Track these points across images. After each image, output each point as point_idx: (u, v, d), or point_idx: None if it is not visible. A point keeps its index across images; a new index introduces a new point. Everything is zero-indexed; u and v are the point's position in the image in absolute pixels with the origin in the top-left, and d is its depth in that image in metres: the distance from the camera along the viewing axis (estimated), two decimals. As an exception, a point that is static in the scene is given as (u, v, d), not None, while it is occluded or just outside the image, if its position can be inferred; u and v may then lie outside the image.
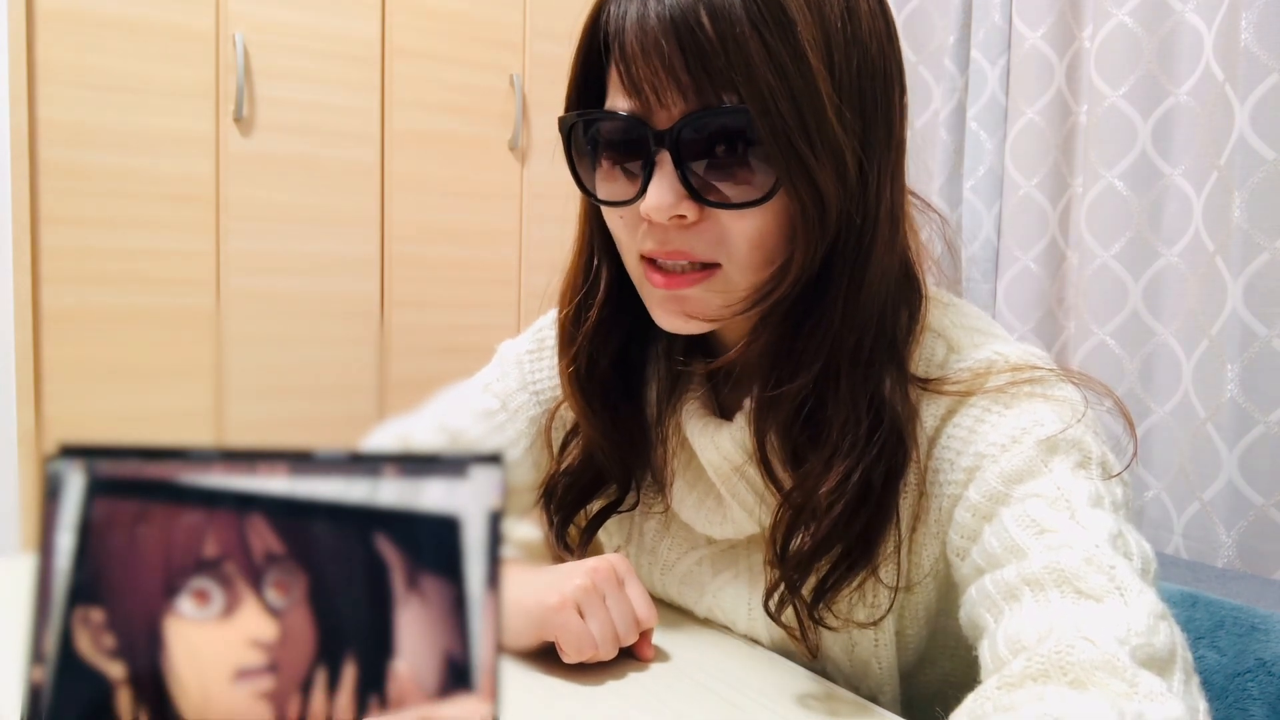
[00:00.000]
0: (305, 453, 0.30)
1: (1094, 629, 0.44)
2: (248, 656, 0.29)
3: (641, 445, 0.68)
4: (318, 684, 0.29)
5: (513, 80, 2.28)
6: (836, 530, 0.55)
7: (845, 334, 0.55)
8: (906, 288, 0.59)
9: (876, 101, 0.54)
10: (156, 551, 0.29)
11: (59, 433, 1.80)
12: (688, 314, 0.57)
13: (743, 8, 0.49)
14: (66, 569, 0.29)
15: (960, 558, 0.55)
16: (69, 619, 0.29)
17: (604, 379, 0.65)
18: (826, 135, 0.51)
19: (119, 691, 0.28)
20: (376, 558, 0.30)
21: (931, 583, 0.59)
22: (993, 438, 0.54)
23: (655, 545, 0.71)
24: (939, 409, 0.57)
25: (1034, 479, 0.52)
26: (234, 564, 0.29)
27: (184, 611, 0.29)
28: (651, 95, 0.52)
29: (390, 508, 0.30)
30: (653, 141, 0.53)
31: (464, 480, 0.30)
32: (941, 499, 0.56)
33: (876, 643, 0.61)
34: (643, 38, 0.51)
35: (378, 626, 0.30)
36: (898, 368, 0.57)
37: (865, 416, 0.55)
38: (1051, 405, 0.55)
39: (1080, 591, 0.46)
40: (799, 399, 0.56)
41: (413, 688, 0.29)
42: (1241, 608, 0.73)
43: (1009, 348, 0.59)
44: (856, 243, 0.55)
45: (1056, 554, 0.48)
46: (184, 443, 0.30)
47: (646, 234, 0.56)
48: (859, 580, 0.57)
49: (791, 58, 0.50)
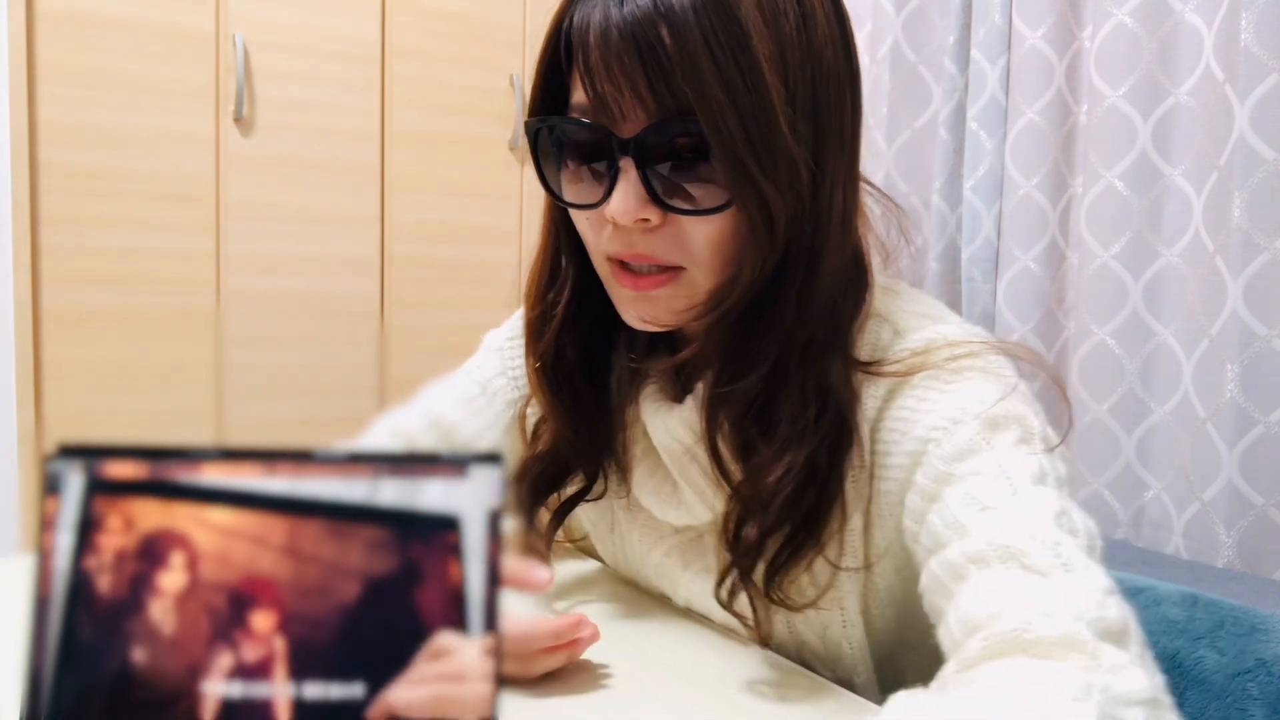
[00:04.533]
0: (305, 453, 0.30)
1: (1049, 604, 0.44)
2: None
3: (607, 435, 0.69)
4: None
5: (513, 80, 2.28)
6: (783, 514, 0.57)
7: (796, 331, 0.57)
8: (855, 277, 0.61)
9: (830, 108, 0.56)
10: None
11: (59, 433, 1.80)
12: (653, 315, 0.59)
13: (697, 23, 0.51)
14: (66, 569, 0.29)
15: (914, 543, 0.56)
16: (69, 619, 0.29)
17: (570, 373, 0.67)
18: (777, 148, 0.53)
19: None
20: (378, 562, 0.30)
21: (890, 564, 0.60)
22: (933, 420, 0.55)
23: (628, 534, 0.73)
24: (879, 390, 0.58)
25: (975, 456, 0.53)
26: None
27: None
28: (615, 106, 0.54)
29: (390, 507, 0.30)
30: (617, 148, 0.54)
31: (464, 480, 0.30)
32: (889, 481, 0.58)
33: (845, 624, 0.62)
34: (605, 51, 0.53)
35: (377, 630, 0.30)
36: (843, 354, 0.58)
37: (812, 405, 0.57)
38: (989, 379, 0.56)
39: (1026, 567, 0.47)
40: (751, 394, 0.57)
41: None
42: (1241, 608, 0.73)
43: (949, 328, 0.60)
44: (808, 247, 0.56)
45: (1000, 531, 0.49)
46: (184, 443, 0.30)
47: (612, 236, 0.57)
48: (806, 561, 0.58)
49: (743, 74, 0.51)
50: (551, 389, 0.67)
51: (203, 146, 1.93)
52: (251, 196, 1.99)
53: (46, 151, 1.78)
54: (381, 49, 2.12)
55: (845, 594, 0.61)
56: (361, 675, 0.29)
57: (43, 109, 1.77)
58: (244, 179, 1.98)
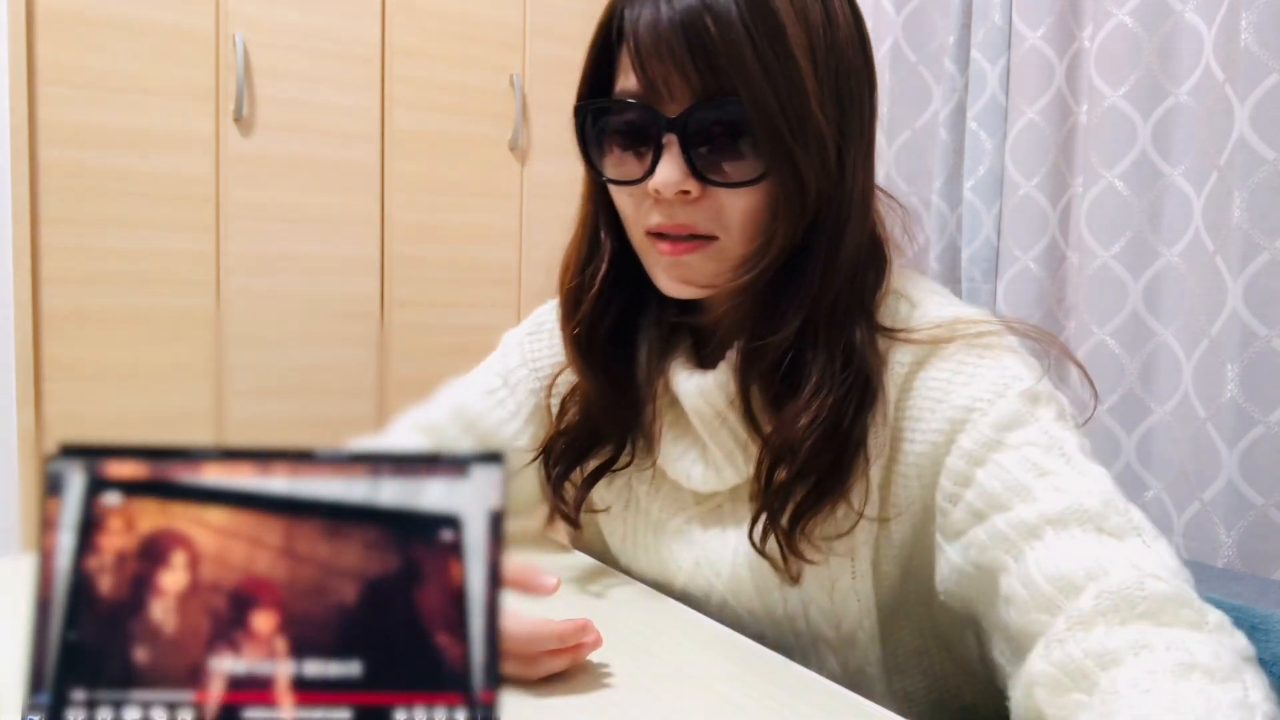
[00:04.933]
0: (305, 453, 0.30)
1: (1148, 565, 0.49)
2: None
3: (634, 405, 0.74)
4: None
5: (513, 80, 2.28)
6: (810, 459, 0.62)
7: (823, 294, 0.62)
8: (875, 254, 0.67)
9: (853, 98, 0.63)
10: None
11: (59, 433, 1.80)
12: (687, 279, 0.65)
13: (739, 16, 0.57)
14: (66, 569, 0.29)
15: (952, 502, 0.59)
16: (70, 619, 0.29)
17: (603, 343, 0.72)
18: (809, 125, 0.59)
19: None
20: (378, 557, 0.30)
21: (908, 522, 0.64)
22: (976, 390, 0.60)
23: (648, 507, 0.76)
24: (908, 356, 0.63)
25: (1023, 427, 0.57)
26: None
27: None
28: (663, 87, 0.60)
29: (391, 507, 0.30)
30: (663, 126, 0.61)
31: (465, 479, 0.30)
32: (919, 444, 0.62)
33: (854, 575, 0.66)
34: (656, 38, 0.59)
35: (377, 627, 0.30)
36: (867, 320, 0.64)
37: (838, 360, 0.62)
38: (1019, 358, 0.62)
39: (1102, 530, 0.51)
40: (780, 350, 0.63)
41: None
42: (1241, 608, 0.73)
43: (967, 309, 0.66)
44: (834, 218, 0.63)
45: (1073, 495, 0.53)
46: (184, 443, 0.30)
47: (652, 209, 0.64)
48: (829, 507, 0.63)
49: (780, 59, 0.58)
50: (586, 356, 0.72)
51: (203, 146, 1.93)
52: (251, 196, 1.99)
53: (46, 151, 1.78)
54: (381, 49, 2.12)
55: (859, 544, 0.65)
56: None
57: (43, 109, 1.77)
58: (244, 179, 1.98)
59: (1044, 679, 0.48)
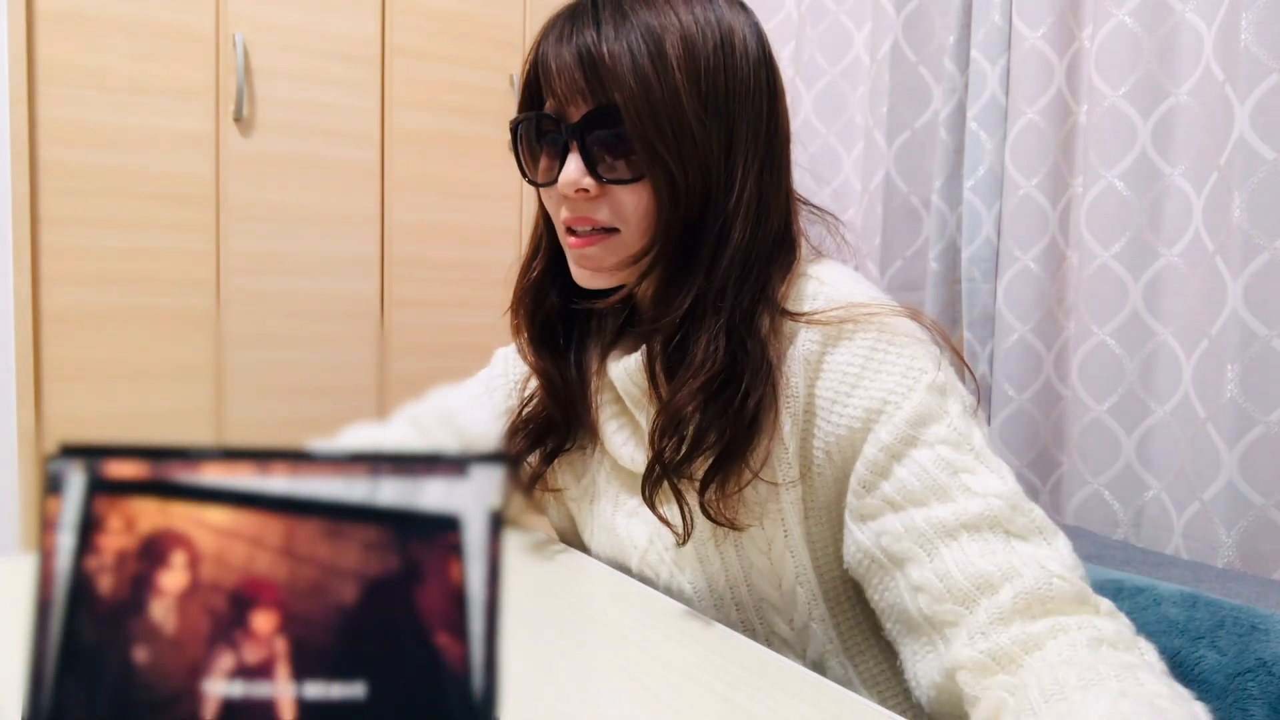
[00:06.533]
0: (305, 452, 0.30)
1: (1053, 565, 0.58)
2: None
3: (581, 390, 0.82)
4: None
5: (512, 80, 2.28)
6: (703, 428, 0.68)
7: (708, 285, 0.69)
8: (783, 248, 0.73)
9: (745, 112, 0.70)
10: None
11: (59, 433, 1.80)
12: (594, 268, 0.74)
13: (627, 44, 0.66)
14: (66, 569, 0.29)
15: (866, 489, 0.65)
16: (70, 619, 0.29)
17: (544, 333, 0.81)
18: (684, 133, 0.67)
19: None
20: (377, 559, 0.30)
21: (829, 474, 0.69)
22: (887, 383, 0.66)
23: (606, 489, 0.83)
24: (816, 335, 0.69)
25: (936, 423, 0.64)
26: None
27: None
28: (565, 100, 0.70)
29: (391, 507, 0.30)
30: (565, 133, 0.70)
31: (464, 479, 0.30)
32: (838, 425, 0.67)
33: (786, 534, 0.71)
34: (560, 62, 0.69)
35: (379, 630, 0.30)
36: (768, 302, 0.70)
37: (720, 340, 0.68)
38: (923, 348, 0.67)
39: (1010, 533, 0.60)
40: (672, 329, 0.70)
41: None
42: (1242, 608, 0.73)
43: (868, 290, 0.72)
44: (720, 217, 0.70)
45: (986, 500, 0.60)
46: (184, 442, 0.30)
47: (564, 205, 0.72)
48: (735, 477, 0.69)
49: (659, 76, 0.66)
50: (536, 347, 0.82)
51: (203, 146, 1.94)
52: (251, 196, 1.99)
53: (46, 151, 1.78)
54: (381, 49, 2.13)
55: (785, 507, 0.71)
56: (362, 676, 0.29)
57: (43, 109, 1.77)
58: (244, 179, 1.98)
59: (970, 663, 0.56)
